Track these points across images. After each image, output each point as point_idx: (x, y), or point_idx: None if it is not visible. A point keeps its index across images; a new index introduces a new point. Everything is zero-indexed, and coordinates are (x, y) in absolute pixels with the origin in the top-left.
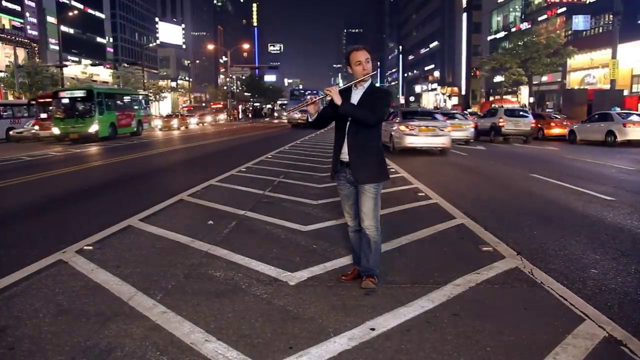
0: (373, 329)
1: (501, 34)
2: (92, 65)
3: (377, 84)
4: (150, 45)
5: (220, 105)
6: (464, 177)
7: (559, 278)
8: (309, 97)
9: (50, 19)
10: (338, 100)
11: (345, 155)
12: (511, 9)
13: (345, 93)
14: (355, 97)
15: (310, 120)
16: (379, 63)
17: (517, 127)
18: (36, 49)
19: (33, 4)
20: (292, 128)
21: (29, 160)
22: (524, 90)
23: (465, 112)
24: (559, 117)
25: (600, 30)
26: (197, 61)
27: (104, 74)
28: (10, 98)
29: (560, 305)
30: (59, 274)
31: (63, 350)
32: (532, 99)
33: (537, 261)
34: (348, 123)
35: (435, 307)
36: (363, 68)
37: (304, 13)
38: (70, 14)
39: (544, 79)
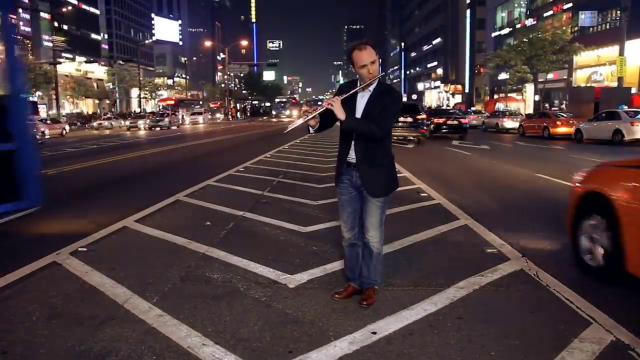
0: (374, 333)
1: (506, 31)
2: (86, 62)
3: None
4: (146, 41)
5: (172, 102)
6: (466, 177)
7: (565, 280)
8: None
9: (44, 15)
10: (341, 116)
11: (352, 158)
12: (516, 5)
13: (350, 98)
14: (361, 102)
15: (312, 131)
16: (380, 60)
17: None
18: (29, 45)
19: (26, 0)
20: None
21: None
22: (529, 88)
23: None
24: (565, 115)
25: (607, 27)
26: (194, 58)
27: (98, 71)
28: None
29: (567, 309)
30: (53, 276)
31: (57, 354)
32: (537, 97)
33: (542, 263)
34: None
35: (438, 310)
36: (369, 72)
37: (304, 9)
38: (64, 9)
39: (550, 76)
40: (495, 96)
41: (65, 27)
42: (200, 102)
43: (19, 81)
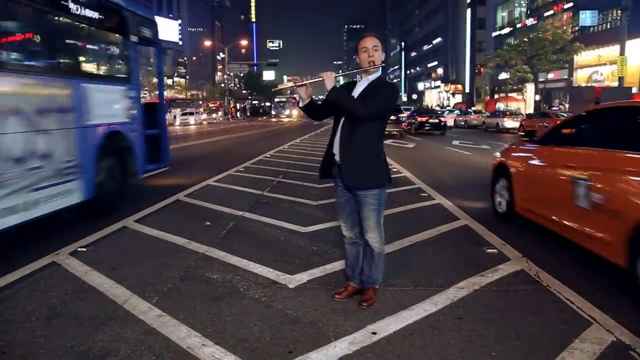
0: (375, 333)
1: (506, 30)
2: None
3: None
4: None
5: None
6: (468, 177)
7: (566, 281)
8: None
9: None
10: (329, 85)
11: (337, 154)
12: (516, 4)
13: (350, 86)
14: (358, 90)
15: (301, 105)
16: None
17: None
18: None
19: None
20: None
21: None
22: (530, 88)
23: None
24: (566, 115)
25: (608, 26)
26: (194, 58)
27: None
28: None
29: (568, 309)
30: (52, 277)
31: (56, 354)
32: (538, 97)
33: (543, 263)
34: (343, 117)
35: (439, 310)
36: (369, 55)
37: (304, 9)
38: None
39: (551, 76)
40: (496, 96)
41: None
42: (200, 102)
43: (162, 94)
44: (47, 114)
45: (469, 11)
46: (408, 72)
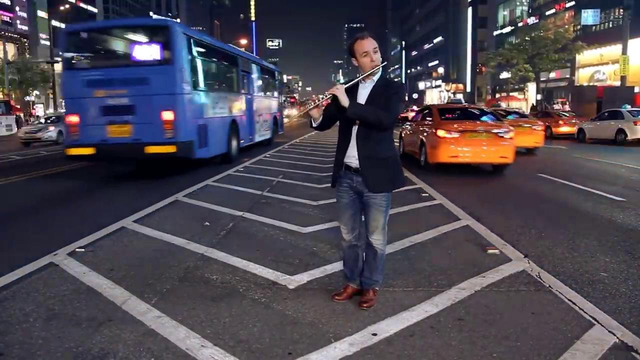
0: (375, 334)
1: (508, 29)
2: None
3: None
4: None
5: None
6: (467, 177)
7: (567, 281)
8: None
9: (41, 13)
10: (345, 102)
11: (352, 160)
12: (518, 3)
13: (352, 89)
14: (363, 93)
15: (314, 125)
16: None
17: None
18: (26, 44)
19: None
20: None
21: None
22: (531, 87)
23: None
24: (567, 114)
25: (610, 25)
26: None
27: None
28: None
29: (569, 310)
30: (50, 277)
31: (54, 356)
32: (539, 96)
33: (545, 264)
34: (356, 124)
35: (440, 311)
36: (371, 60)
37: (304, 8)
38: (62, 8)
39: (552, 75)
40: (497, 95)
41: (63, 25)
42: None
43: (280, 99)
44: (267, 107)
45: (470, 10)
46: (409, 71)
